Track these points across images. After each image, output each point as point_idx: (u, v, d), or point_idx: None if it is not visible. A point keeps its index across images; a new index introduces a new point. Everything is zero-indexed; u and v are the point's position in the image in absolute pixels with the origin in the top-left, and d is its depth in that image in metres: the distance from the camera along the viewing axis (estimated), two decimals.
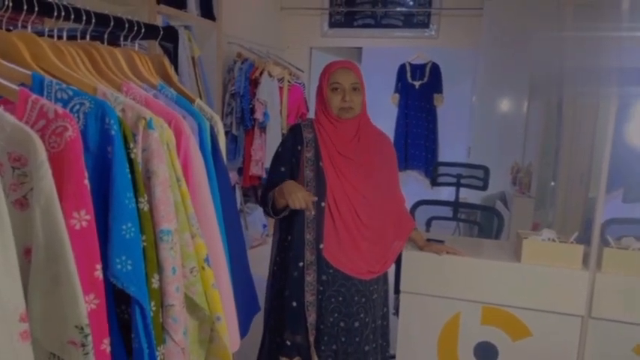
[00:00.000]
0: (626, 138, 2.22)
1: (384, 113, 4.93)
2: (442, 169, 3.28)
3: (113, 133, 0.86)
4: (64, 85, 0.87)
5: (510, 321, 1.89)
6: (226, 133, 4.16)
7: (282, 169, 1.84)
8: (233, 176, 4.29)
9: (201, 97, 3.30)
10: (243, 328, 1.30)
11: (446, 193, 4.19)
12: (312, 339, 1.78)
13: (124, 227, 0.88)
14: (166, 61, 1.35)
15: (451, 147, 5.17)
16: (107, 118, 0.86)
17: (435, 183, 3.35)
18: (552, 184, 3.40)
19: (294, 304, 1.79)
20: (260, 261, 1.97)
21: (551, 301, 1.83)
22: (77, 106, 0.86)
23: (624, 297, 1.77)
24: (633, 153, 2.20)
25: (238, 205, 4.64)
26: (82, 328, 0.79)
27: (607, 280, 1.77)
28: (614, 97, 1.83)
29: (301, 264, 1.79)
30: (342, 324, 1.80)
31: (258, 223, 4.94)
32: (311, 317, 1.78)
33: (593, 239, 1.81)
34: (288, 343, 1.81)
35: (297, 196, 1.66)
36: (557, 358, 1.86)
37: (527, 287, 1.86)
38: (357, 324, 1.81)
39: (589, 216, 1.90)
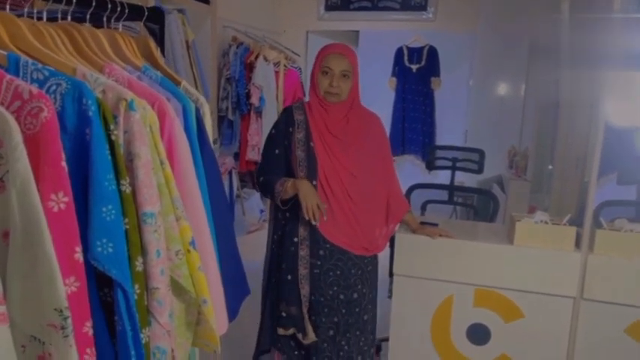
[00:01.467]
0: (621, 120, 2.20)
1: (381, 97, 4.89)
2: (438, 153, 3.27)
3: (91, 114, 0.84)
4: (39, 65, 0.86)
5: (503, 303, 1.90)
6: (222, 118, 4.13)
7: (277, 151, 1.89)
8: (229, 161, 4.27)
9: (195, 82, 3.28)
10: (232, 312, 1.30)
11: (443, 179, 4.18)
12: (305, 310, 1.84)
13: (104, 209, 0.87)
14: (152, 43, 1.32)
15: (448, 131, 5.14)
16: (84, 99, 0.84)
17: (430, 167, 3.34)
18: (550, 167, 3.39)
19: (289, 277, 1.85)
20: (257, 246, 1.99)
21: (544, 282, 1.84)
22: (54, 87, 0.84)
23: (616, 278, 1.77)
24: (628, 135, 2.19)
25: (235, 190, 4.63)
26: (61, 311, 0.78)
27: (599, 261, 1.77)
28: (609, 78, 1.81)
29: (296, 239, 1.85)
30: (341, 296, 1.86)
31: (255, 209, 4.94)
32: (304, 290, 1.84)
33: (585, 221, 1.81)
34: (284, 314, 1.88)
35: (311, 205, 1.71)
36: (549, 339, 1.86)
37: (519, 269, 1.86)
38: (355, 295, 1.87)
39: (584, 199, 1.89)
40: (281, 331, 1.89)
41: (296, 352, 1.93)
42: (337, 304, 1.86)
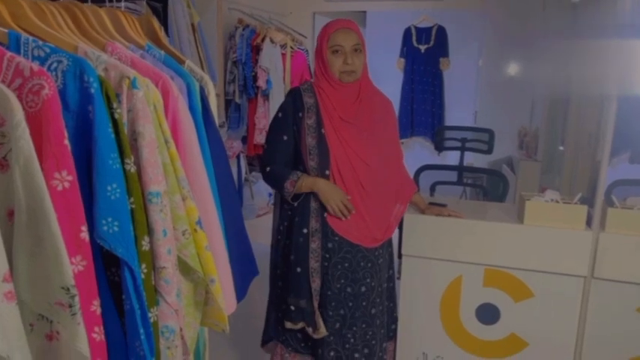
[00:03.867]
0: (634, 98, 2.16)
1: (389, 79, 4.85)
2: (447, 134, 3.24)
3: (93, 91, 0.83)
4: (40, 43, 0.85)
5: (512, 282, 1.88)
6: (229, 101, 4.12)
7: (285, 137, 1.78)
8: (237, 145, 4.27)
9: (202, 65, 3.25)
10: (240, 292, 1.30)
11: (453, 160, 4.15)
12: (316, 304, 1.78)
13: (108, 188, 0.86)
14: (155, 22, 1.31)
15: (457, 112, 5.09)
16: (86, 76, 0.83)
17: (439, 147, 3.31)
18: (561, 148, 3.34)
19: (298, 269, 1.79)
20: (266, 229, 1.97)
21: (554, 262, 1.82)
22: (55, 64, 0.83)
23: (628, 257, 1.74)
24: None
25: (243, 174, 4.63)
26: (68, 289, 0.78)
27: (611, 240, 1.75)
28: (621, 54, 1.76)
29: (305, 230, 1.78)
30: (348, 289, 1.81)
31: (264, 192, 4.95)
32: (315, 283, 1.78)
33: (597, 199, 1.78)
34: (293, 308, 1.81)
35: (337, 204, 1.71)
36: (560, 319, 1.85)
37: (529, 249, 1.84)
38: (363, 289, 1.82)
39: (595, 178, 1.86)
40: (289, 325, 1.82)
41: (302, 345, 1.89)
42: (344, 297, 1.80)
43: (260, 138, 4.19)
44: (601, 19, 2.36)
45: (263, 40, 4.04)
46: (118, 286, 0.96)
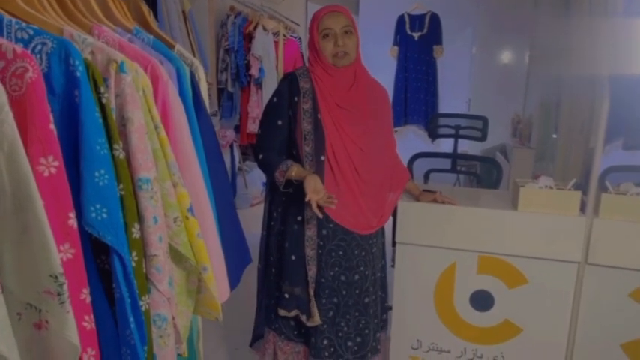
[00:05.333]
0: (626, 84, 2.15)
1: (382, 67, 4.82)
2: (441, 121, 3.23)
3: (79, 74, 0.81)
4: (24, 24, 0.82)
5: (506, 269, 1.88)
6: (222, 90, 4.08)
7: (279, 122, 1.75)
8: (230, 134, 4.23)
9: (194, 53, 3.22)
10: (234, 279, 1.29)
11: (446, 148, 4.14)
12: (311, 292, 1.78)
13: (96, 174, 0.84)
14: (144, 6, 1.28)
15: (451, 100, 5.08)
16: (71, 59, 0.81)
17: (433, 135, 3.30)
18: (554, 136, 3.34)
19: (293, 257, 1.78)
20: (260, 219, 1.95)
21: (548, 248, 1.82)
22: (39, 47, 0.81)
23: (621, 242, 1.75)
24: (633, 100, 2.14)
25: (237, 163, 4.60)
26: (56, 277, 0.77)
27: (604, 225, 1.75)
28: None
29: (299, 218, 1.77)
30: (342, 277, 1.80)
31: (257, 182, 4.92)
32: (311, 271, 1.77)
33: (590, 184, 1.78)
34: (287, 295, 1.80)
35: (316, 202, 1.58)
36: (553, 304, 1.86)
37: (523, 235, 1.84)
38: (357, 277, 1.81)
39: (588, 165, 1.86)
40: (282, 312, 1.81)
41: (295, 332, 1.88)
42: (338, 284, 1.80)
43: (253, 127, 4.16)
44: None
45: (255, 27, 4.00)
46: (109, 274, 0.95)
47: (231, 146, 4.35)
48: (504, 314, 1.92)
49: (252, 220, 2.74)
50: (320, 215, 1.62)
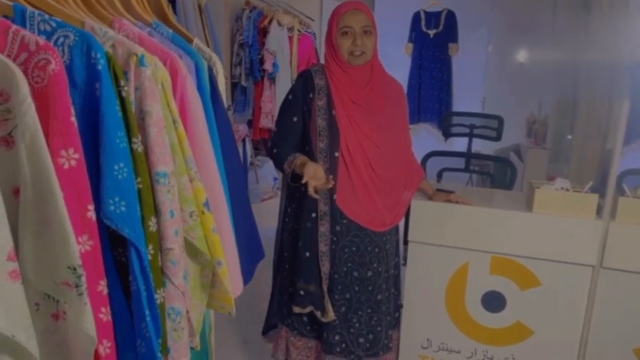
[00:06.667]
0: None
1: (397, 64, 4.78)
2: (455, 120, 3.20)
3: (100, 67, 0.81)
4: (46, 16, 0.82)
5: (519, 271, 1.87)
6: (235, 84, 4.08)
7: (295, 118, 1.76)
8: (243, 129, 4.24)
9: (209, 47, 3.22)
10: (247, 274, 1.29)
11: (460, 147, 4.12)
12: (325, 288, 1.77)
13: (115, 167, 0.84)
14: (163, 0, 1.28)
15: (465, 98, 5.03)
16: (93, 52, 0.81)
17: (447, 134, 3.28)
18: (569, 137, 3.31)
19: (307, 254, 1.78)
20: (272, 213, 1.96)
21: (562, 250, 1.80)
22: (61, 39, 0.81)
23: (637, 247, 1.72)
24: None
25: (249, 158, 4.61)
26: (74, 269, 0.77)
27: (621, 229, 1.73)
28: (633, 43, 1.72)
29: (314, 215, 1.76)
30: (355, 273, 1.80)
31: (269, 176, 4.93)
32: (324, 267, 1.77)
33: (608, 187, 1.76)
34: (302, 292, 1.80)
35: (313, 182, 1.56)
36: (566, 308, 1.84)
37: (537, 237, 1.82)
38: (370, 273, 1.81)
39: (605, 167, 1.83)
40: (297, 310, 1.81)
41: (308, 328, 1.88)
42: (350, 281, 1.80)
43: (266, 122, 4.16)
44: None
45: (270, 22, 3.99)
46: (125, 267, 0.95)
47: (243, 141, 4.36)
48: (516, 316, 1.91)
49: (264, 214, 2.75)
50: (316, 196, 1.61)
